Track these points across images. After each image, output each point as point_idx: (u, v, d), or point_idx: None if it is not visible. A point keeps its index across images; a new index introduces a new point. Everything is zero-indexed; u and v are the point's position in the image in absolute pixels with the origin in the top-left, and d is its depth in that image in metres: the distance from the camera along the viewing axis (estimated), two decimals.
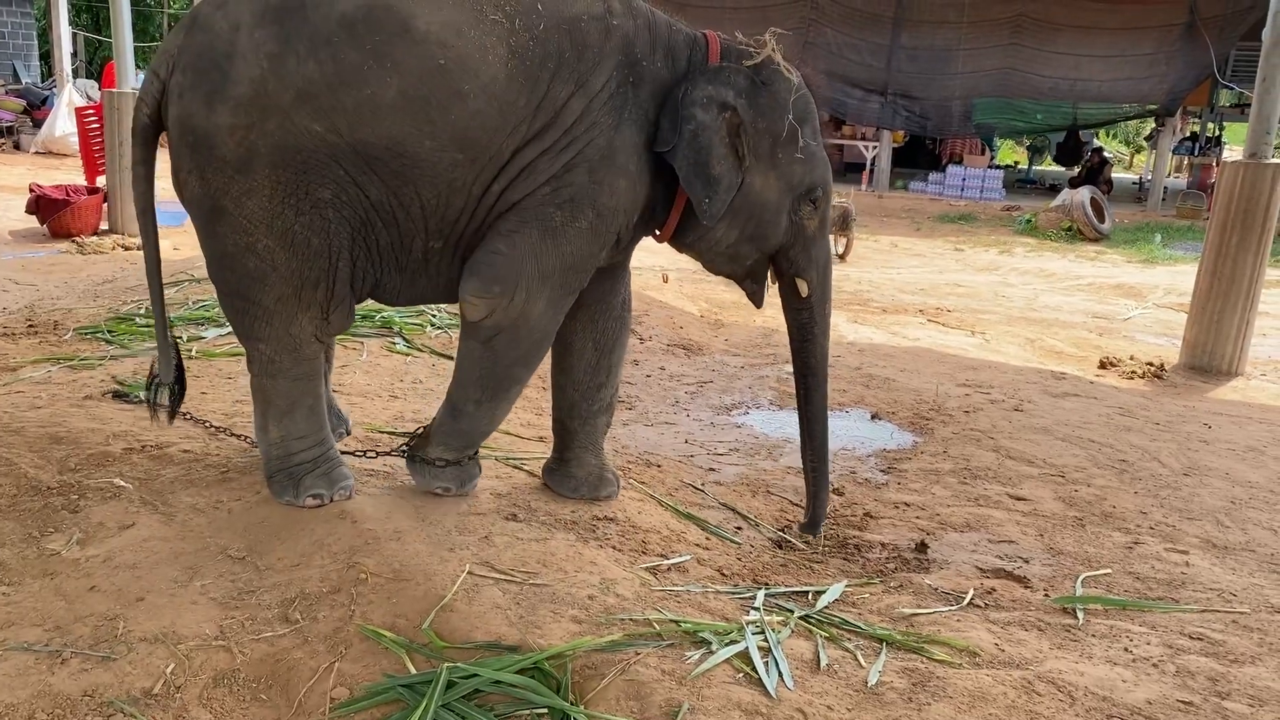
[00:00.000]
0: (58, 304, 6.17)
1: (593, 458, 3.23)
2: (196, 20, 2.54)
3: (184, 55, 2.51)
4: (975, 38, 14.67)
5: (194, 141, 2.51)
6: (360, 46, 2.47)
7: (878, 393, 5.28)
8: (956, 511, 3.74)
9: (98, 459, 3.13)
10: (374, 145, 2.52)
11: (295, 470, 2.88)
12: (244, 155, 2.49)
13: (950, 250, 11.52)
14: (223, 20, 2.49)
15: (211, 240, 2.64)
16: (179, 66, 2.52)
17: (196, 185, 2.55)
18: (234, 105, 2.46)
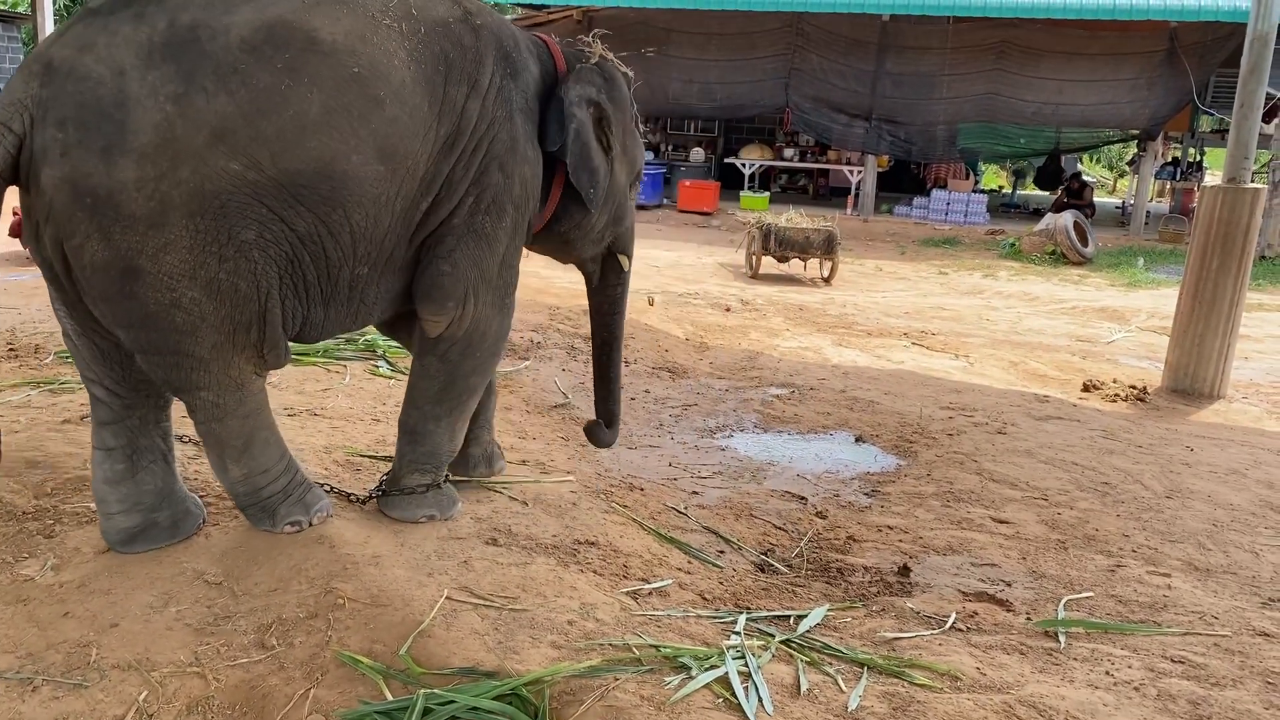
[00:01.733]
0: (39, 328, 6.13)
1: (487, 434, 3.44)
2: (55, 66, 2.25)
3: (54, 107, 2.22)
4: (959, 63, 14.79)
5: (93, 203, 2.25)
6: (272, 67, 2.36)
7: (862, 415, 5.28)
8: (939, 534, 3.73)
9: (75, 483, 3.11)
10: (301, 172, 2.41)
11: (268, 503, 2.83)
12: (156, 209, 2.29)
13: (935, 274, 11.57)
14: (97, 65, 2.25)
15: (129, 302, 2.38)
16: (49, 121, 2.23)
17: (99, 249, 2.30)
18: (138, 157, 2.25)
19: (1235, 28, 13.01)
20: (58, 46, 2.27)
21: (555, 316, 6.70)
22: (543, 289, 8.06)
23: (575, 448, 4.44)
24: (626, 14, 15.93)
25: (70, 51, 2.25)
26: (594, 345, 3.64)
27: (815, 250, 10.17)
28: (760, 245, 10.29)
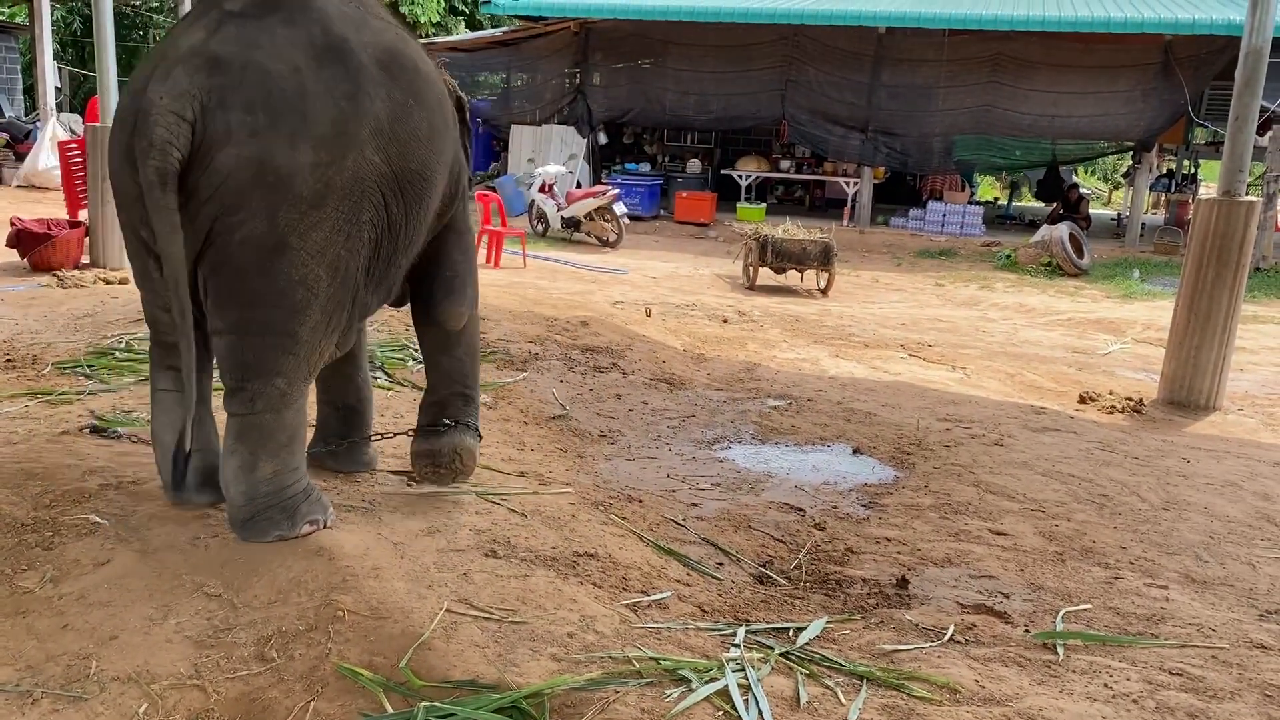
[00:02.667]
0: (37, 338, 6.13)
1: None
2: (225, 60, 2.46)
3: (238, 94, 2.45)
4: (955, 76, 14.85)
5: (274, 181, 2.49)
6: (400, 85, 2.76)
7: (859, 427, 5.29)
8: (937, 546, 3.74)
9: (74, 495, 3.10)
10: (410, 170, 2.79)
11: (289, 502, 2.86)
12: (320, 190, 2.56)
13: (931, 285, 11.60)
14: (273, 61, 2.50)
15: (261, 278, 2.59)
16: (233, 106, 2.44)
17: (260, 224, 2.52)
18: (315, 144, 2.52)
19: (1229, 41, 13.07)
20: (217, 43, 2.47)
21: (553, 328, 6.70)
22: (540, 300, 8.07)
23: (573, 459, 4.45)
24: (624, 26, 15.98)
25: (237, 48, 2.47)
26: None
27: (812, 262, 10.19)
28: (757, 257, 10.31)
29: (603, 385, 5.70)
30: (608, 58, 16.41)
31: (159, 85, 2.43)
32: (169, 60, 2.47)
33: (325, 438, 3.54)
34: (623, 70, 16.40)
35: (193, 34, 2.51)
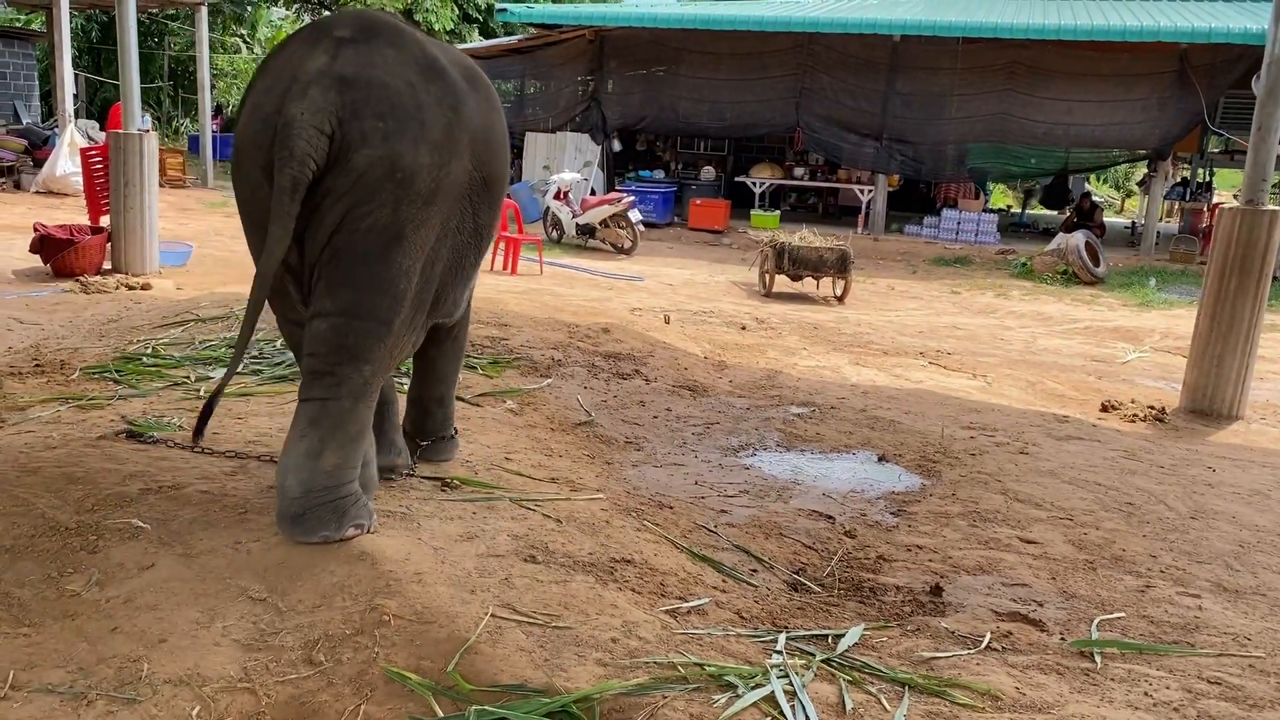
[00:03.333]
0: (63, 343, 6.17)
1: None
2: (351, 78, 2.70)
3: (369, 105, 2.70)
4: (969, 84, 14.86)
5: (401, 178, 2.74)
6: (480, 99, 3.05)
7: (884, 435, 5.30)
8: (968, 554, 3.75)
9: (115, 499, 3.13)
10: (492, 177, 3.09)
11: (341, 503, 2.88)
12: (432, 189, 2.83)
13: (947, 293, 11.60)
14: (391, 78, 2.76)
15: (378, 265, 2.80)
16: (366, 115, 2.69)
17: (386, 215, 2.75)
18: (431, 148, 2.79)
19: (1245, 49, 13.08)
20: (340, 65, 2.71)
21: (574, 335, 6.73)
22: (560, 307, 8.09)
23: (601, 465, 4.47)
24: (639, 34, 16.03)
25: (358, 68, 2.73)
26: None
27: (829, 269, 10.21)
28: (774, 264, 10.34)
29: (626, 392, 5.71)
30: (622, 65, 16.46)
31: (297, 103, 2.63)
32: (300, 82, 2.67)
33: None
34: (637, 78, 16.45)
35: (316, 58, 2.72)
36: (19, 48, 20.97)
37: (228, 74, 27.78)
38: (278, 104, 2.66)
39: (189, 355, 5.55)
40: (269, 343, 5.81)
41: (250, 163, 2.77)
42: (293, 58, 2.75)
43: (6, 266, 8.76)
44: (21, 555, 2.82)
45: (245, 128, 2.79)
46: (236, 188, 2.92)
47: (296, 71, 2.70)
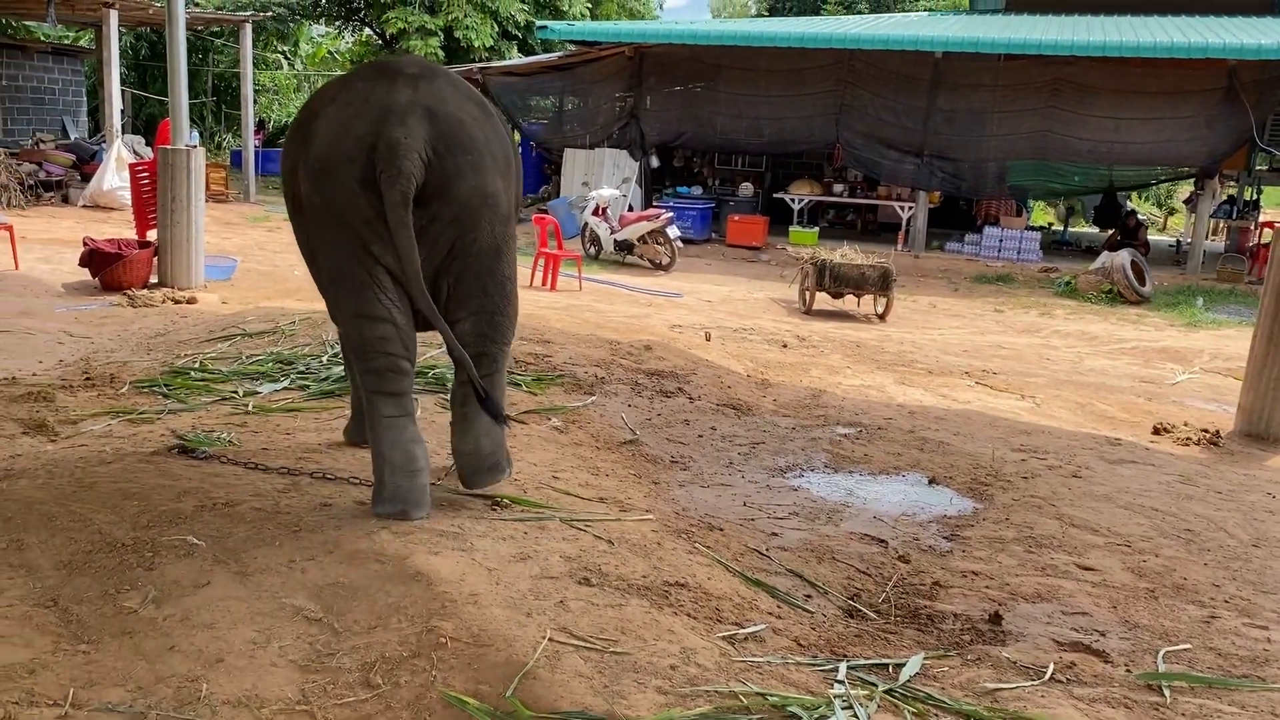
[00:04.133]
0: (112, 357, 6.24)
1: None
2: (437, 114, 3.14)
3: (455, 141, 3.15)
4: (1012, 100, 14.73)
5: (491, 203, 3.26)
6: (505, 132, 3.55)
7: (933, 456, 5.22)
8: (1025, 581, 3.67)
9: (170, 516, 3.14)
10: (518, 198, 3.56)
11: (500, 462, 3.65)
12: (508, 209, 3.39)
13: (990, 311, 11.47)
14: (461, 114, 3.22)
15: (489, 276, 3.39)
16: (456, 150, 3.15)
17: (487, 235, 3.30)
18: (500, 174, 3.29)
19: None
20: (422, 98, 3.13)
21: (617, 352, 6.70)
22: (601, 324, 8.08)
23: (648, 485, 4.43)
24: (677, 50, 16.05)
25: (436, 102, 3.15)
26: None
27: (870, 287, 10.13)
28: (814, 281, 10.27)
29: (670, 410, 5.68)
30: (661, 82, 16.47)
31: (398, 129, 3.04)
32: (396, 112, 3.08)
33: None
34: (675, 94, 16.45)
35: (401, 91, 3.13)
36: (68, 64, 21.35)
37: (269, 90, 28.12)
38: (374, 128, 3.05)
39: (236, 370, 5.59)
40: (314, 358, 5.84)
41: (345, 175, 3.10)
42: (374, 90, 3.15)
43: (56, 280, 8.88)
44: (79, 571, 2.83)
45: (336, 146, 3.12)
46: (320, 195, 3.19)
47: (387, 102, 3.09)
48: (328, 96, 3.28)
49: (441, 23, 21.93)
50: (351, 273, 3.20)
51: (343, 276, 3.24)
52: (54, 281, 8.82)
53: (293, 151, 3.41)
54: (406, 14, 21.90)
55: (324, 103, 3.25)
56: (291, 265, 10.99)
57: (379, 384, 3.28)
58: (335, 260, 3.27)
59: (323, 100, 3.30)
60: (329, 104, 3.21)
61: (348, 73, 3.42)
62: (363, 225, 3.13)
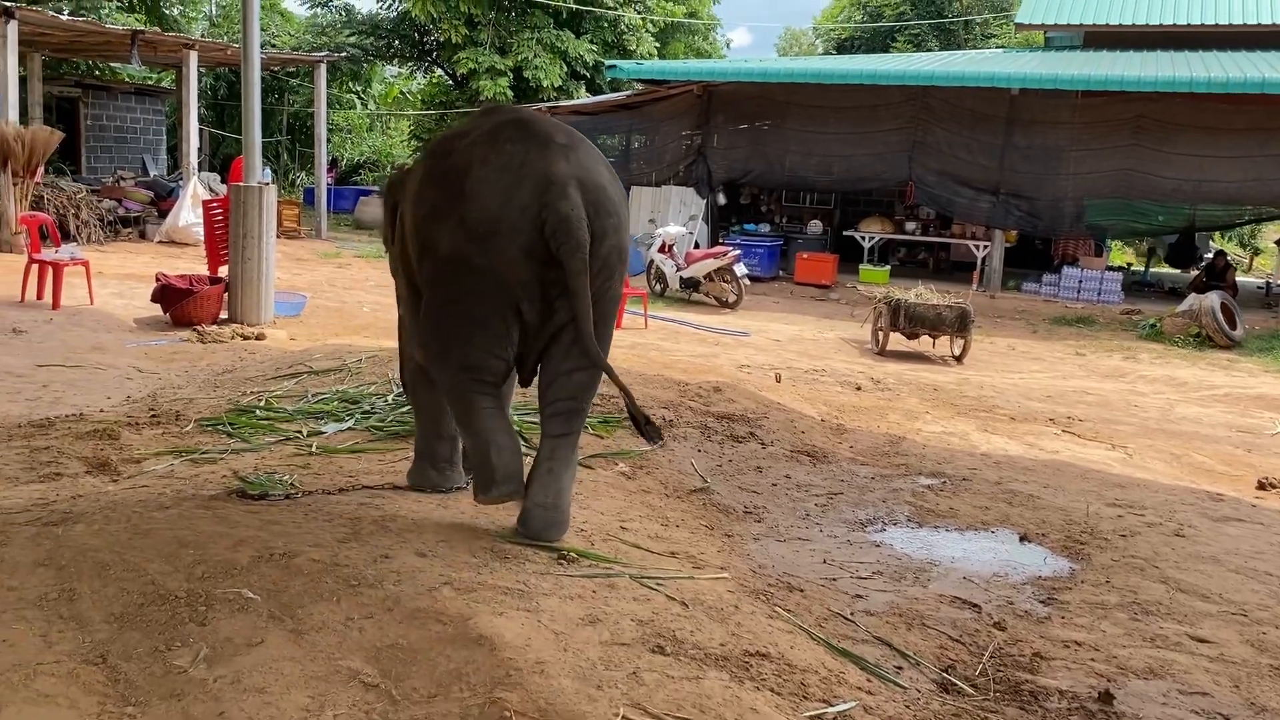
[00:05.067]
0: (179, 394, 6.21)
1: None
2: (585, 182, 3.38)
3: (600, 206, 3.39)
4: (1091, 138, 14.34)
5: (622, 257, 3.57)
6: None
7: (1023, 511, 4.93)
8: (1134, 654, 3.38)
9: (225, 567, 3.00)
10: None
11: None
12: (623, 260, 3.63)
13: (1071, 355, 11.06)
14: (602, 179, 3.46)
15: (609, 324, 3.62)
16: (603, 214, 3.40)
17: (617, 282, 3.61)
18: (624, 232, 3.56)
19: None
20: (574, 169, 3.37)
21: (685, 394, 6.51)
22: (668, 363, 7.91)
23: (721, 538, 4.22)
24: (746, 88, 15.96)
25: (585, 172, 3.40)
26: None
27: (947, 328, 9.81)
28: (888, 321, 9.99)
29: (742, 456, 5.46)
30: (729, 119, 16.37)
31: (565, 203, 3.28)
32: (558, 184, 3.30)
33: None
34: (743, 131, 16.33)
35: (557, 162, 3.35)
36: (150, 104, 21.96)
37: (342, 129, 28.64)
38: (539, 199, 3.28)
39: (301, 409, 5.50)
40: (380, 398, 5.74)
41: (509, 242, 3.31)
42: (529, 156, 3.34)
43: (129, 315, 8.97)
44: (130, 624, 2.70)
45: (501, 213, 3.30)
46: (482, 257, 3.34)
47: (548, 173, 3.32)
48: (477, 156, 3.39)
49: (511, 63, 22.14)
50: (491, 322, 3.42)
51: (478, 322, 3.43)
52: (126, 316, 8.91)
53: (432, 200, 3.48)
54: (477, 54, 22.15)
55: (473, 161, 3.38)
56: (360, 302, 11.02)
57: (479, 387, 3.51)
58: (474, 308, 3.42)
59: (469, 157, 3.41)
60: (479, 165, 3.36)
61: (487, 127, 3.52)
62: (519, 286, 3.37)
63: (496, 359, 3.48)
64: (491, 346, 3.45)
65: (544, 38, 22.42)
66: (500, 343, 3.46)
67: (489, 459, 3.47)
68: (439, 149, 3.72)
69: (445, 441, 4.08)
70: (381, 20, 25.91)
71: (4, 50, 12.95)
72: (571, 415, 3.60)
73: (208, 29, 25.82)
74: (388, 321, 9.68)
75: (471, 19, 22.46)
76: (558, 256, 3.30)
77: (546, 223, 3.29)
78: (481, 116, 3.86)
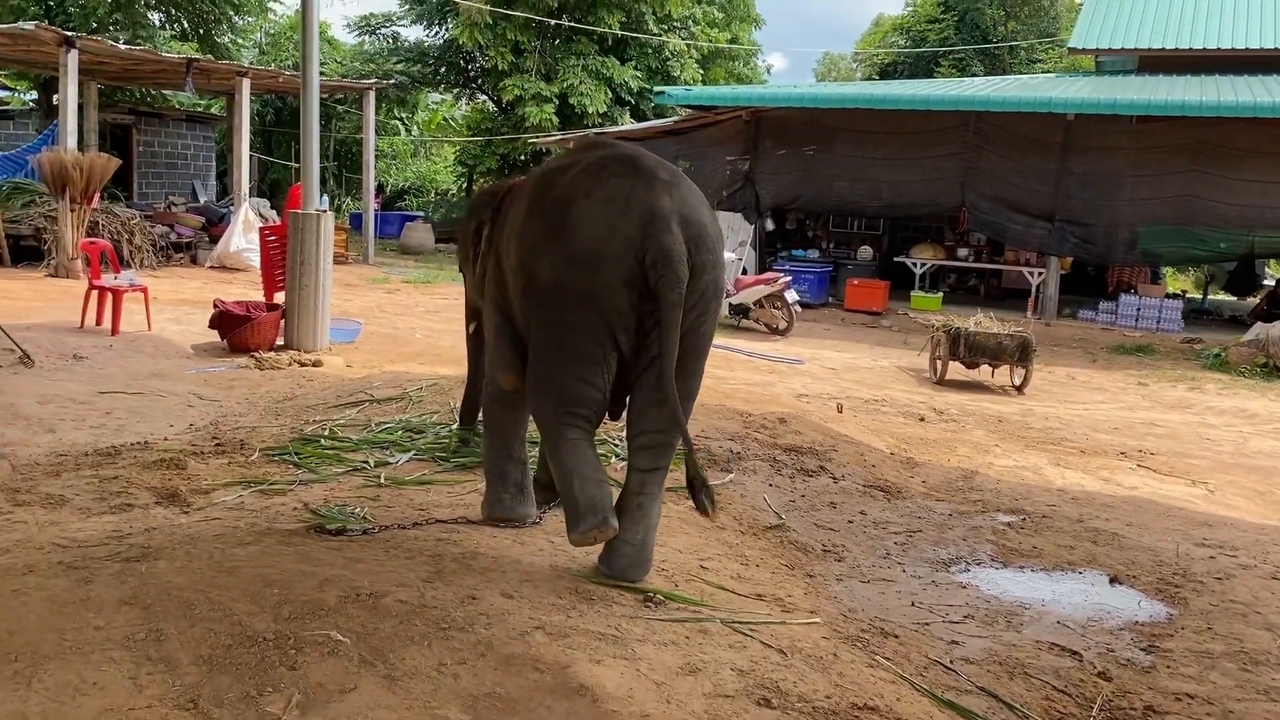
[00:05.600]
0: (241, 421, 6.19)
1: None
2: (688, 219, 3.40)
3: (700, 242, 3.40)
4: (1149, 164, 14.09)
5: (719, 290, 3.56)
6: None
7: (1109, 550, 4.76)
8: (1251, 708, 3.22)
9: (313, 607, 2.92)
10: None
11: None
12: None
13: (1134, 385, 10.81)
14: (702, 216, 3.47)
15: (702, 358, 3.63)
16: (702, 249, 3.41)
17: (711, 322, 3.57)
18: (720, 267, 3.55)
19: None
20: (677, 204, 3.38)
21: (750, 425, 6.40)
22: (727, 393, 7.79)
23: (803, 578, 4.10)
24: (795, 114, 15.88)
25: (687, 209, 3.42)
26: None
27: (1008, 357, 9.62)
28: (947, 350, 9.81)
29: (814, 491, 5.34)
30: (777, 145, 16.28)
31: (668, 237, 3.30)
32: (662, 219, 3.32)
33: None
34: (792, 157, 16.22)
35: (661, 197, 3.37)
36: (200, 130, 22.28)
37: (386, 155, 28.91)
38: (642, 232, 3.30)
39: (366, 438, 5.45)
40: (444, 427, 5.68)
41: (610, 272, 3.32)
42: (634, 191, 3.37)
43: (186, 341, 8.99)
44: (219, 667, 2.62)
45: (605, 243, 3.32)
46: (581, 284, 3.36)
47: (653, 207, 3.34)
48: (582, 189, 3.42)
49: (557, 89, 22.24)
50: (587, 350, 3.42)
51: (576, 350, 3.43)
52: (184, 342, 8.93)
53: (536, 232, 3.50)
54: (523, 81, 22.28)
55: (578, 193, 3.42)
56: (412, 328, 11.02)
57: (571, 419, 3.48)
58: (573, 337, 3.43)
59: (574, 189, 3.45)
60: (584, 196, 3.40)
61: (591, 161, 3.56)
62: (615, 315, 3.37)
63: (593, 389, 3.45)
64: (588, 375, 3.43)
65: (589, 64, 22.52)
66: (596, 370, 3.43)
67: (573, 491, 3.41)
68: (541, 182, 3.71)
69: (516, 464, 4.08)
70: (428, 48, 26.16)
71: (65, 79, 13.15)
72: (662, 449, 3.56)
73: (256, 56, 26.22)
74: (441, 348, 9.66)
75: (518, 46, 22.61)
76: (655, 288, 3.31)
77: (647, 254, 3.30)
78: (583, 151, 3.83)
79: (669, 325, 3.32)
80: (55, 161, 12.63)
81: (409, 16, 26.29)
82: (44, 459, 5.09)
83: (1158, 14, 18.09)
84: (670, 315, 3.31)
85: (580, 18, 22.42)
